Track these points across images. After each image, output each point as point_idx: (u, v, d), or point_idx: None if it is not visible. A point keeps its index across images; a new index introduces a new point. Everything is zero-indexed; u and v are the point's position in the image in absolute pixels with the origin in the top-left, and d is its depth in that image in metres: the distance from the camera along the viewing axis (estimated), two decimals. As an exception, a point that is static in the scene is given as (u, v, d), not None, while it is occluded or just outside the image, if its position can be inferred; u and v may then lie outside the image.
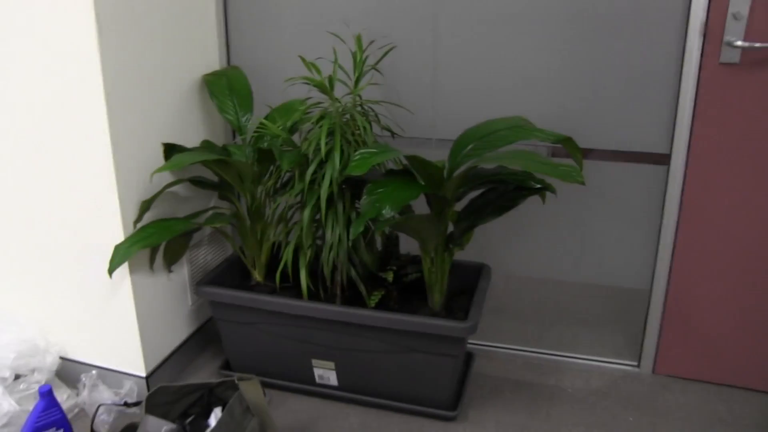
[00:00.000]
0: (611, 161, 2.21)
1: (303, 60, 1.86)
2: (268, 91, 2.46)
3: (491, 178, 2.01)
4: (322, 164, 2.01)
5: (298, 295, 2.19)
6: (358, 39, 2.15)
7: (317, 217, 2.09)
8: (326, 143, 1.98)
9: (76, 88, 1.90)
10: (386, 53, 2.27)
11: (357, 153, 1.85)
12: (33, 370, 2.12)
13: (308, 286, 2.16)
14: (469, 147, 1.99)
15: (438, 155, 2.34)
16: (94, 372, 2.20)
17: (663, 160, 2.16)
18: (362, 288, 2.10)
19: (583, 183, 1.71)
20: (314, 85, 1.87)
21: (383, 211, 1.79)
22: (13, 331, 2.14)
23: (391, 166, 2.25)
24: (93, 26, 1.82)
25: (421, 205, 2.14)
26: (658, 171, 2.18)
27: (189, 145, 2.30)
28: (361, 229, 1.82)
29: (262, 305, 2.13)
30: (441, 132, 2.34)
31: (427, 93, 2.31)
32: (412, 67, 2.30)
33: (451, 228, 2.09)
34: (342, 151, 1.98)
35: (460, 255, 2.43)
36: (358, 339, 2.09)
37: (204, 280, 2.25)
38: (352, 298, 2.18)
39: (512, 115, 2.21)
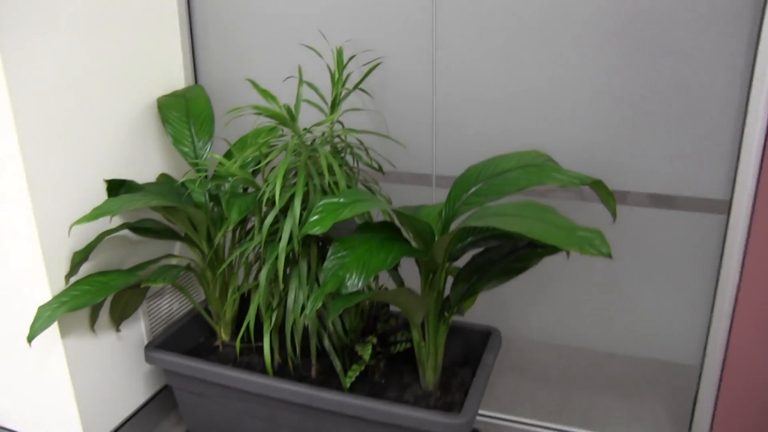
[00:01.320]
0: (654, 207, 1.77)
1: (254, 85, 1.47)
2: (244, 116, 2.08)
3: (494, 233, 1.59)
4: (286, 211, 1.62)
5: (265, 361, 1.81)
6: (339, 53, 1.75)
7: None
8: (289, 186, 1.59)
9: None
10: (371, 69, 1.86)
11: (320, 203, 1.45)
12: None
13: (277, 355, 1.77)
14: (471, 191, 1.58)
15: (438, 195, 1.93)
16: (27, 448, 1.86)
17: (721, 207, 1.71)
18: (337, 363, 1.70)
19: (609, 256, 1.27)
20: (268, 116, 1.47)
21: (347, 282, 1.39)
22: None
23: (378, 215, 1.85)
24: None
25: (411, 262, 1.73)
26: (715, 221, 1.73)
27: (143, 180, 1.93)
28: (319, 304, 1.42)
29: (218, 378, 1.75)
30: (443, 166, 1.92)
31: (426, 118, 1.89)
32: (407, 87, 1.88)
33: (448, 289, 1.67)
34: (306, 198, 1.58)
35: (467, 312, 2.02)
36: (330, 425, 1.70)
37: (155, 342, 1.88)
38: (330, 368, 1.79)
39: (529, 148, 1.79)
